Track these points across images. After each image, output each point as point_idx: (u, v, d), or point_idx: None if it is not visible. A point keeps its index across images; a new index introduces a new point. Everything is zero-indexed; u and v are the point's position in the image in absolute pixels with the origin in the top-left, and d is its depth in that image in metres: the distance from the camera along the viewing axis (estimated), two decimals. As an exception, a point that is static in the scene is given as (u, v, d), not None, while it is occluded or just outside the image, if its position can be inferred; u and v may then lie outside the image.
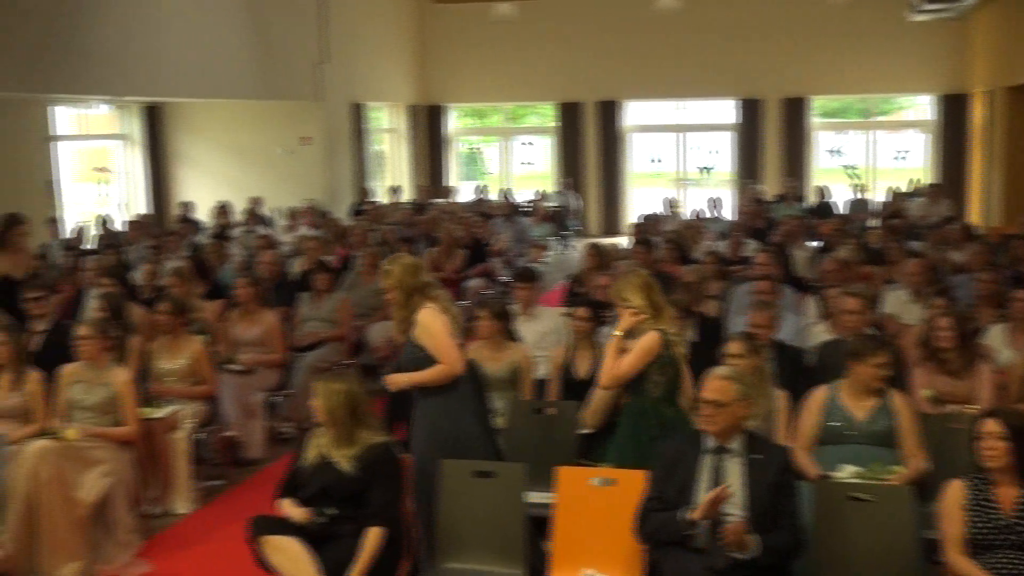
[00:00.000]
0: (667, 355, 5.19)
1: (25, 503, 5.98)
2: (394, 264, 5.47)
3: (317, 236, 12.69)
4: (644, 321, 5.21)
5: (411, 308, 5.35)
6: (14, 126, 14.66)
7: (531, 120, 24.55)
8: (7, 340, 6.46)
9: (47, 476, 6.01)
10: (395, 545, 4.77)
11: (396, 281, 5.37)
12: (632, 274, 5.49)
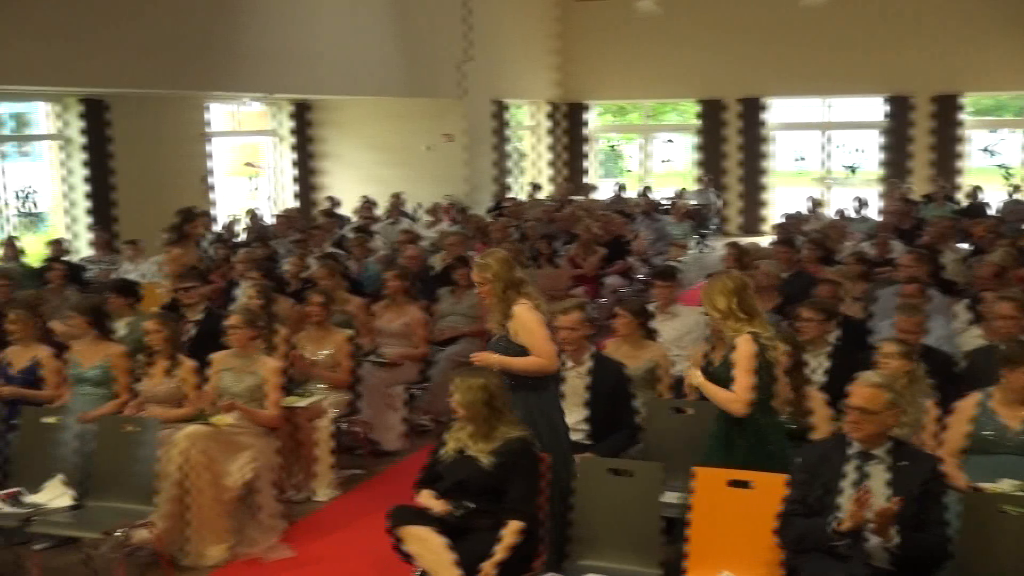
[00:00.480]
0: (761, 360, 5.04)
1: (176, 485, 6.22)
2: (490, 258, 5.50)
3: (458, 232, 12.85)
4: (735, 327, 5.07)
5: (507, 302, 5.38)
6: (173, 123, 15.28)
7: (672, 117, 24.33)
8: (160, 328, 6.73)
9: (197, 460, 6.24)
10: (531, 539, 4.80)
11: (493, 274, 5.40)
12: (723, 276, 5.30)
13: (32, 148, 14.86)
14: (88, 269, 11.65)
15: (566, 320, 5.96)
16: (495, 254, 5.54)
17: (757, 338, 5.01)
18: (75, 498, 5.96)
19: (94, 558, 6.15)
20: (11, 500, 5.87)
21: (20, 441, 6.33)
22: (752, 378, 4.96)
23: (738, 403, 4.97)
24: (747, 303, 5.08)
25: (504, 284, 5.37)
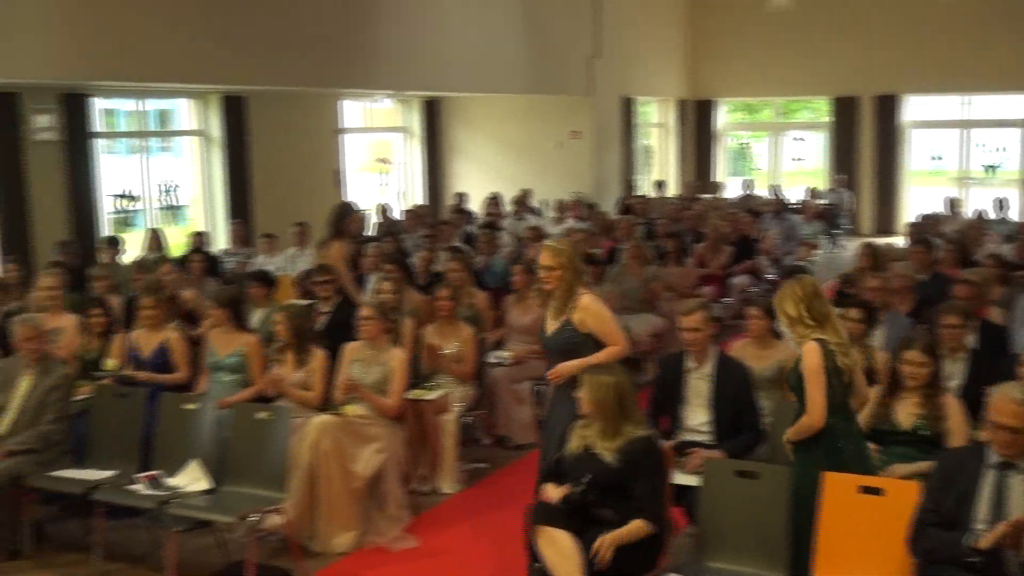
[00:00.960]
0: (829, 366, 4.92)
1: (307, 473, 6.38)
2: (564, 244, 5.55)
3: (584, 228, 12.85)
4: (803, 333, 5.01)
5: (573, 291, 5.41)
6: (308, 119, 15.64)
7: (803, 115, 23.89)
8: (285, 320, 6.91)
9: (327, 449, 6.38)
10: (656, 538, 4.78)
11: (567, 260, 5.42)
12: (795, 282, 5.18)
13: (174, 143, 15.38)
14: (225, 261, 12.01)
15: (690, 320, 5.91)
16: (568, 241, 5.61)
17: (824, 344, 4.94)
18: (211, 482, 6.16)
19: (227, 541, 6.34)
20: (151, 482, 6.09)
21: (160, 426, 6.57)
22: (822, 389, 4.91)
23: (811, 418, 4.93)
24: (818, 309, 5.02)
25: (574, 272, 5.45)
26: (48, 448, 6.42)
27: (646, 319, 10.23)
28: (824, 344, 4.95)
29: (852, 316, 6.52)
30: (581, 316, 5.41)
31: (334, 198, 15.57)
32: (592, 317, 5.41)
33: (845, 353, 4.99)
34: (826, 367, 4.92)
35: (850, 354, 5.05)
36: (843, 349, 4.99)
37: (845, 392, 5.01)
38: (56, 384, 6.47)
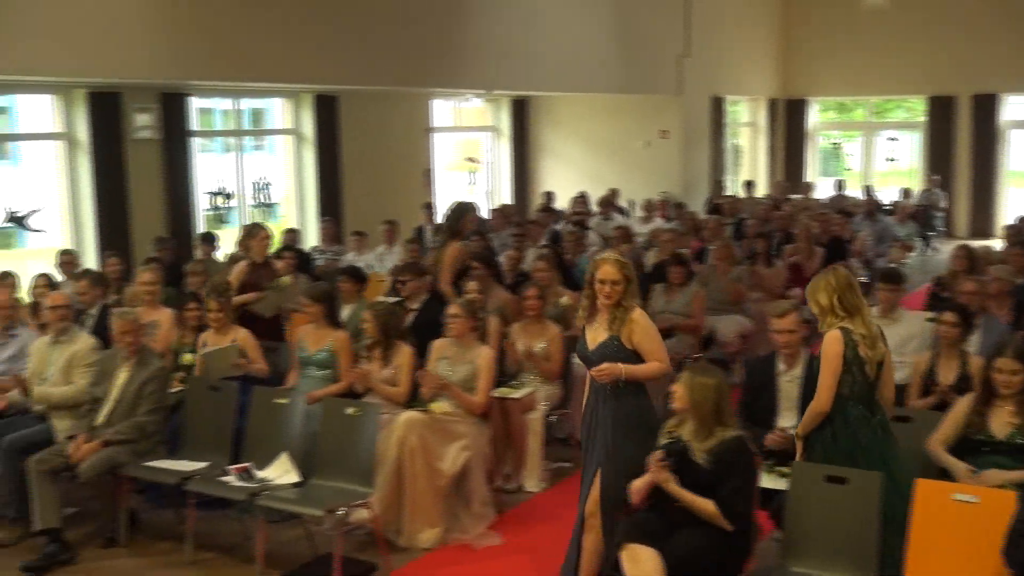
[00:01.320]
0: (850, 354, 5.02)
1: (394, 469, 6.45)
2: (625, 258, 5.49)
3: (672, 228, 12.78)
4: (830, 322, 5.11)
5: (629, 306, 5.28)
6: (399, 118, 15.82)
7: (897, 114, 23.46)
8: (372, 319, 6.98)
9: (413, 446, 6.44)
10: (742, 541, 4.74)
11: (631, 274, 5.33)
12: (829, 273, 5.30)
13: (267, 142, 15.66)
14: (316, 258, 12.19)
15: (783, 322, 5.85)
16: (625, 255, 5.61)
17: (847, 333, 5.05)
18: (300, 476, 6.26)
19: (315, 534, 6.44)
20: (242, 474, 6.22)
21: (251, 419, 6.70)
22: (833, 375, 5.05)
23: (818, 402, 5.09)
24: (850, 301, 5.13)
25: (633, 286, 5.33)
26: (143, 439, 6.58)
27: (734, 320, 10.14)
28: (847, 333, 5.05)
29: (946, 320, 6.39)
30: (631, 330, 5.26)
31: (423, 197, 15.75)
32: (641, 332, 5.28)
33: (871, 346, 5.10)
34: (846, 356, 5.03)
35: (877, 347, 5.13)
36: (868, 341, 5.10)
37: (868, 384, 5.08)
38: (152, 376, 6.63)
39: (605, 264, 5.28)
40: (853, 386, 5.05)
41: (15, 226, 11.96)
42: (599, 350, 5.27)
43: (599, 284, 5.26)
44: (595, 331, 5.35)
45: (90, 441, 6.46)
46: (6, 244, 12.16)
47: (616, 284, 5.22)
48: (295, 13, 12.03)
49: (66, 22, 9.89)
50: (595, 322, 5.36)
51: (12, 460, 6.56)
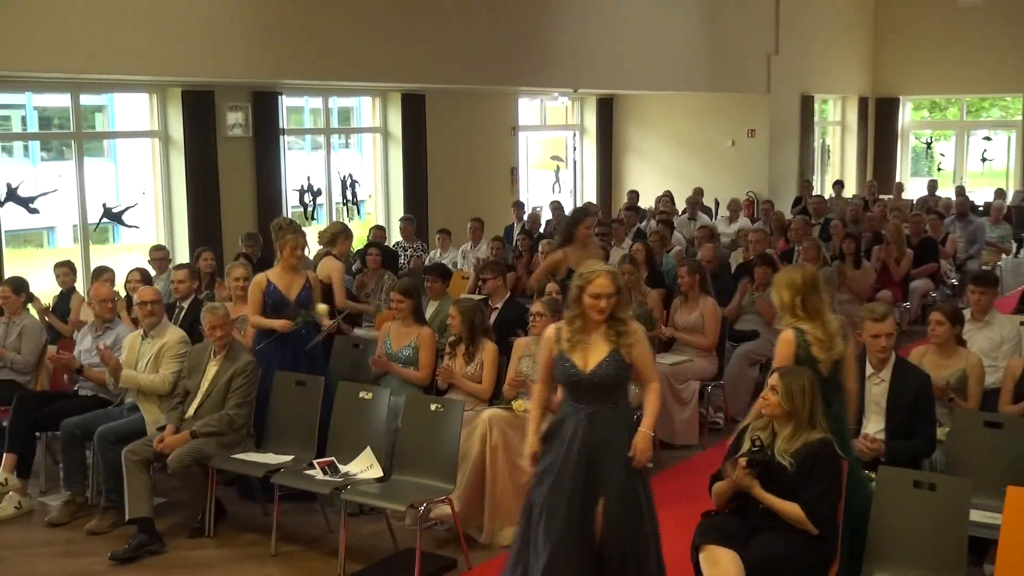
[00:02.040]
0: (802, 354, 5.09)
1: (476, 466, 6.48)
2: (618, 270, 5.36)
3: (758, 228, 12.64)
4: (789, 321, 5.19)
5: (625, 317, 4.94)
6: (486, 117, 15.91)
7: (992, 113, 22.91)
8: (457, 315, 7.01)
9: (496, 442, 6.47)
10: (826, 545, 4.67)
11: (623, 284, 5.01)
12: (797, 270, 5.29)
13: (355, 140, 15.84)
14: (400, 255, 12.30)
15: (881, 327, 5.72)
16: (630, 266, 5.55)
17: (800, 335, 5.13)
18: (382, 471, 6.33)
19: (396, 529, 6.51)
20: (327, 468, 6.31)
21: (336, 414, 6.78)
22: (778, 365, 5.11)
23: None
24: (812, 304, 5.18)
25: (625, 297, 5.03)
26: (231, 432, 6.71)
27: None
28: (800, 334, 5.13)
29: (1042, 325, 6.24)
30: (631, 344, 4.88)
31: (509, 195, 15.80)
32: (642, 347, 4.95)
33: (826, 348, 5.13)
34: (798, 356, 5.11)
35: (833, 348, 5.15)
36: (824, 344, 5.13)
37: (822, 379, 5.04)
38: (241, 371, 6.75)
39: (599, 277, 4.84)
40: None
41: (111, 222, 12.27)
42: (602, 368, 4.83)
43: (591, 299, 4.82)
44: (586, 350, 4.87)
45: (178, 432, 6.62)
46: (102, 239, 12.47)
47: (611, 297, 4.82)
48: (384, 13, 12.16)
49: (162, 23, 10.14)
50: (582, 341, 4.89)
51: (105, 450, 6.74)
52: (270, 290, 7.26)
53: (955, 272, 13.33)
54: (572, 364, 4.85)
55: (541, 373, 5.14)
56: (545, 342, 5.04)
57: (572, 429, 4.84)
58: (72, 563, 6.34)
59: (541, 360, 5.12)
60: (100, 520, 6.81)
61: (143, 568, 6.27)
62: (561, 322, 4.99)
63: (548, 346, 5.00)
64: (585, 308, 4.85)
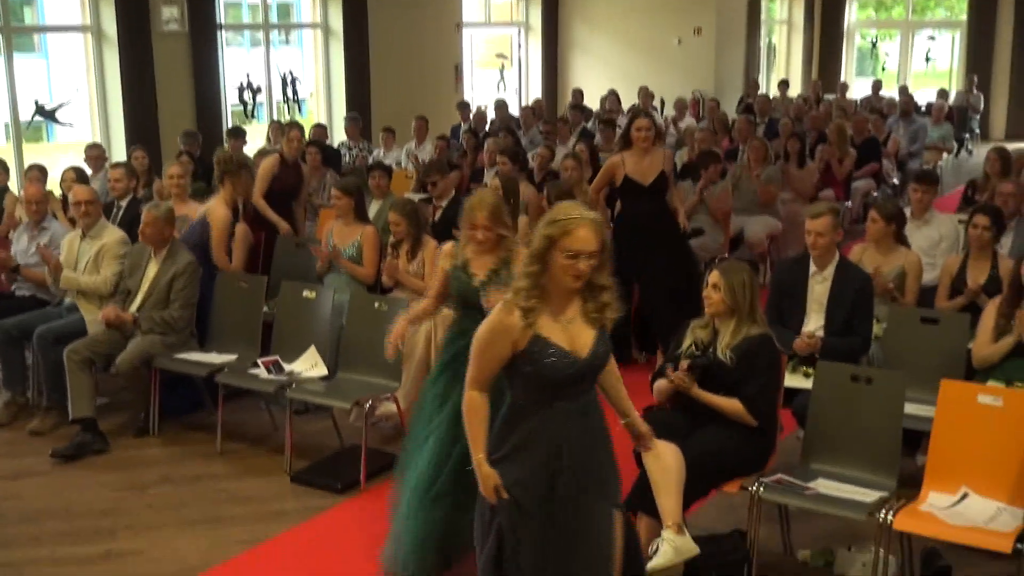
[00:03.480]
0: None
1: (421, 364, 6.49)
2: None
3: (703, 128, 12.64)
4: None
5: (605, 283, 3.61)
6: (430, 13, 15.62)
7: (937, 13, 22.92)
8: (399, 220, 6.93)
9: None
10: (765, 438, 4.76)
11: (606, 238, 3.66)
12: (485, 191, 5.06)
13: (295, 36, 15.51)
14: (343, 154, 12.15)
15: (816, 224, 5.76)
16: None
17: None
18: (327, 369, 6.33)
19: (342, 427, 6.54)
20: (271, 367, 6.29)
21: (279, 313, 6.75)
22: None
23: None
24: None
25: (606, 256, 3.58)
26: (174, 332, 6.66)
27: (763, 221, 10.06)
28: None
29: (979, 223, 6.31)
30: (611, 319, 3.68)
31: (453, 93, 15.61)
32: None
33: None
34: None
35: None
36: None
37: None
38: (182, 272, 6.66)
39: (581, 227, 3.40)
40: None
41: (44, 119, 11.97)
42: (597, 354, 3.60)
43: (566, 259, 3.41)
44: (566, 330, 3.53)
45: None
46: (35, 137, 12.19)
47: (593, 257, 3.46)
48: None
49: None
50: (552, 318, 3.51)
51: (45, 351, 6.66)
52: None
53: (897, 172, 13.45)
54: (557, 351, 3.49)
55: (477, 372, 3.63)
56: (498, 325, 3.50)
57: (555, 432, 3.57)
58: (15, 463, 6.30)
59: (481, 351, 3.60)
60: (42, 420, 6.76)
61: (88, 466, 6.25)
62: (512, 290, 3.57)
63: (506, 331, 3.47)
64: (556, 270, 3.49)
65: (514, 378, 3.57)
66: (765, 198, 10.14)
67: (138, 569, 4.99)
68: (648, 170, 7.47)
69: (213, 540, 5.27)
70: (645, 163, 7.47)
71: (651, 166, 7.48)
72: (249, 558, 5.09)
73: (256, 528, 5.40)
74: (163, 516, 5.58)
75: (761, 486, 4.61)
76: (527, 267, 3.48)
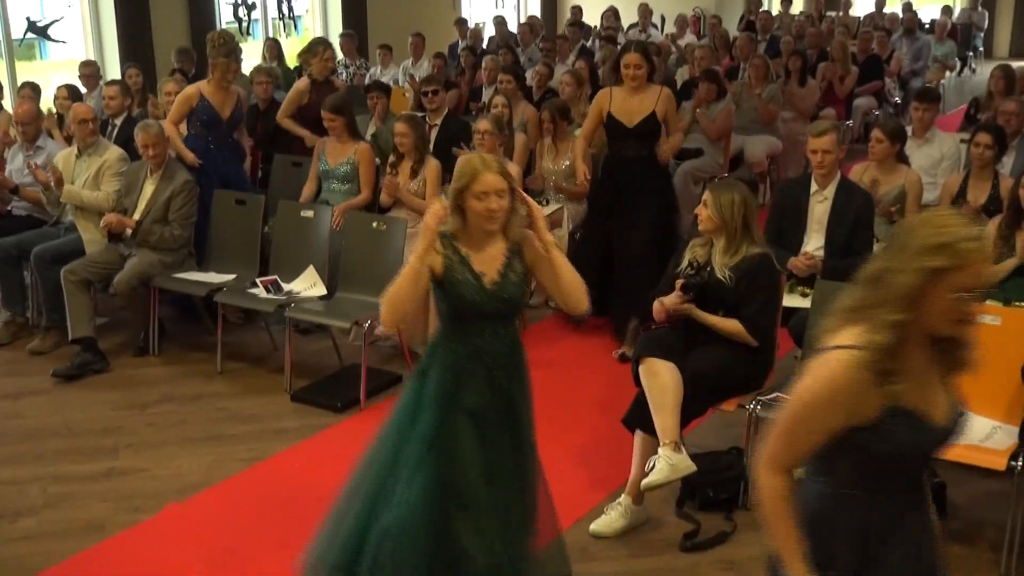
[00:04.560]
0: None
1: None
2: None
3: (704, 45, 12.49)
4: None
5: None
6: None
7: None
8: (408, 131, 6.90)
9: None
10: (763, 357, 4.77)
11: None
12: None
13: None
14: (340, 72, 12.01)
15: (820, 142, 5.71)
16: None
17: None
18: (326, 289, 6.34)
19: (342, 346, 6.56)
20: (270, 287, 6.30)
21: (277, 232, 6.73)
22: None
23: None
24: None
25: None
26: (172, 252, 6.64)
27: (764, 140, 10.00)
28: None
29: (981, 142, 6.26)
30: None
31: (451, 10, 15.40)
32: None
33: None
34: None
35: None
36: None
37: None
38: (179, 191, 6.62)
39: (981, 261, 2.37)
40: None
41: (36, 36, 11.81)
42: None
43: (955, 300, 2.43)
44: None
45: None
46: (28, 56, 12.04)
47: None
48: None
49: None
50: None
51: (43, 270, 6.66)
52: (203, 105, 7.10)
53: (899, 90, 13.33)
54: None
55: None
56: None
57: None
58: (16, 382, 6.33)
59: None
60: (42, 340, 6.78)
61: (89, 385, 6.29)
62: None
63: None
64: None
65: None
66: (766, 117, 10.05)
67: (141, 486, 5.04)
68: (636, 110, 6.56)
69: (214, 458, 5.32)
70: (634, 102, 6.56)
71: (640, 106, 6.55)
72: (250, 475, 5.15)
73: (257, 446, 5.44)
74: (164, 434, 5.62)
75: (759, 404, 4.63)
76: (891, 313, 2.41)
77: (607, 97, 6.70)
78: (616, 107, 6.60)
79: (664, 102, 6.59)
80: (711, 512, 4.66)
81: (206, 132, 7.14)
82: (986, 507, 4.71)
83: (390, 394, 6.05)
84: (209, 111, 7.11)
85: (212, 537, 4.54)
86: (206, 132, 7.14)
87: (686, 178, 9.02)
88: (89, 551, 4.45)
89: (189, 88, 7.21)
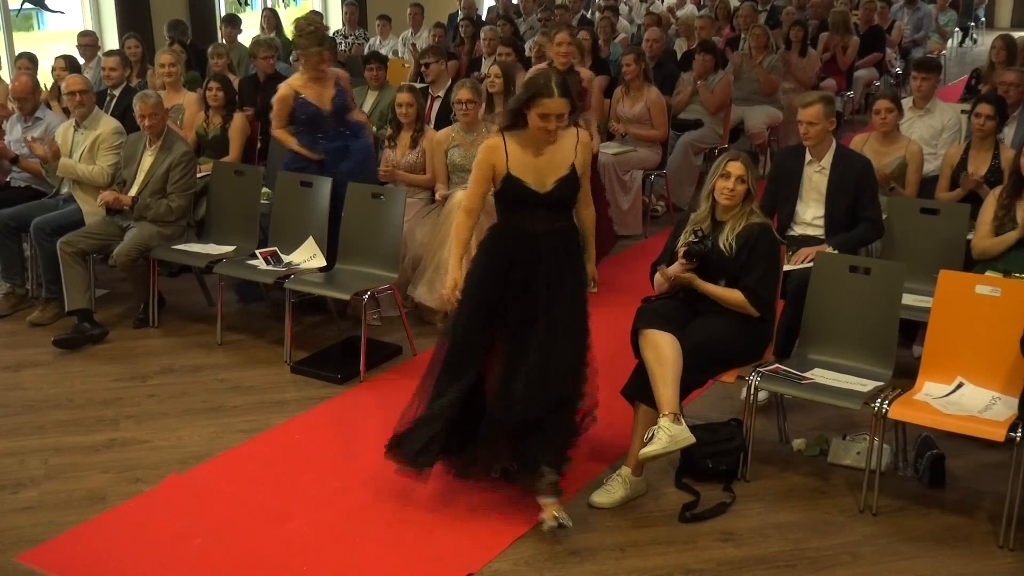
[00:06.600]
0: None
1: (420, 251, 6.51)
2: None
3: (704, 15, 12.42)
4: None
5: None
6: None
7: None
8: (411, 102, 6.86)
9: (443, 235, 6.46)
10: (763, 327, 4.77)
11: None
12: None
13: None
14: (339, 43, 11.96)
15: (805, 114, 5.70)
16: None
17: None
18: (325, 260, 6.33)
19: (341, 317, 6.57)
20: (269, 258, 6.29)
21: (276, 204, 6.72)
22: None
23: None
24: None
25: None
26: (171, 223, 6.64)
27: (764, 111, 9.97)
28: None
29: (982, 112, 6.24)
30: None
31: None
32: None
33: None
34: None
35: None
36: None
37: None
38: (178, 162, 6.61)
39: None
40: None
41: (34, 7, 11.74)
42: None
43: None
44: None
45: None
46: (25, 26, 11.98)
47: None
48: None
49: None
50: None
51: (42, 242, 6.65)
52: (300, 103, 6.61)
53: (900, 60, 13.27)
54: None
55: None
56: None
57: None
58: (16, 354, 6.34)
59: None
60: (42, 311, 6.79)
61: (89, 357, 6.29)
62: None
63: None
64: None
65: None
66: (767, 87, 10.02)
67: (142, 457, 5.05)
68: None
69: (215, 429, 5.33)
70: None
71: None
72: (251, 447, 5.15)
73: (257, 418, 5.45)
74: (165, 406, 5.63)
75: (759, 375, 4.64)
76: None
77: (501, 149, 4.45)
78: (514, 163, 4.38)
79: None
80: (710, 483, 4.67)
81: (313, 128, 6.69)
82: (985, 478, 4.72)
83: (390, 366, 6.06)
84: (307, 108, 6.61)
85: (213, 508, 4.55)
86: (313, 128, 6.69)
87: (686, 150, 9.01)
88: (90, 522, 4.46)
89: (282, 88, 6.70)
